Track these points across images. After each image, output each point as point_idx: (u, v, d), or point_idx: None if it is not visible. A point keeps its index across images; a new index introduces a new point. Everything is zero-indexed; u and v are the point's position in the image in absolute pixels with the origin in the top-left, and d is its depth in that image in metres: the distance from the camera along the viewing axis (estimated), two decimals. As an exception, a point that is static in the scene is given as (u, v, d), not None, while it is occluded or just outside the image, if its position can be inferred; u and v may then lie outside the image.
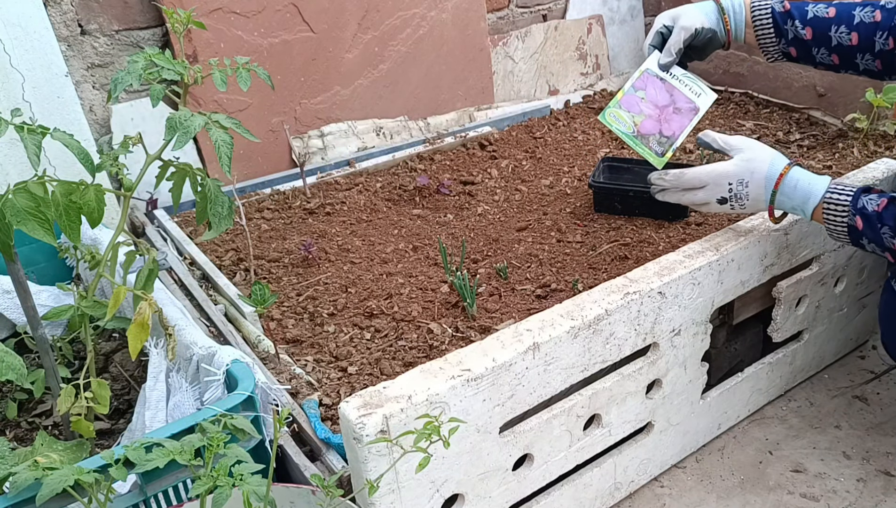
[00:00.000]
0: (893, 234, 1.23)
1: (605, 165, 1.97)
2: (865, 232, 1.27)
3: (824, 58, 1.50)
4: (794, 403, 1.81)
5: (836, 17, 1.46)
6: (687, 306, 1.42)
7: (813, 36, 1.47)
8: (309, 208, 2.02)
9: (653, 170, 1.59)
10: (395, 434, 1.07)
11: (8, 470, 0.98)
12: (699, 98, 1.60)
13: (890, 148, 2.05)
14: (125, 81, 1.12)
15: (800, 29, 1.48)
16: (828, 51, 1.48)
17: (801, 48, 1.50)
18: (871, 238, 1.27)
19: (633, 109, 1.62)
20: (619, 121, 1.61)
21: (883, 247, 1.26)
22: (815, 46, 1.48)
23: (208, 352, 1.25)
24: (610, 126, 1.64)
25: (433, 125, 2.47)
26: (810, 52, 1.50)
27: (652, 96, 1.62)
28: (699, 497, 1.57)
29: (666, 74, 1.61)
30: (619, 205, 1.87)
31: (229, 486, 0.89)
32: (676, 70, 1.61)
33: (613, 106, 1.62)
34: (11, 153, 1.75)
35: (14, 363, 1.06)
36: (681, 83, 1.60)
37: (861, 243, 1.31)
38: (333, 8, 2.16)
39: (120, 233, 1.20)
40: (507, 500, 1.31)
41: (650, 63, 1.62)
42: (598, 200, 1.90)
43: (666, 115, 1.61)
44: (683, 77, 1.61)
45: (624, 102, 1.61)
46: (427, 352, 1.45)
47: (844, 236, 1.32)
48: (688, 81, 1.61)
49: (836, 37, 1.45)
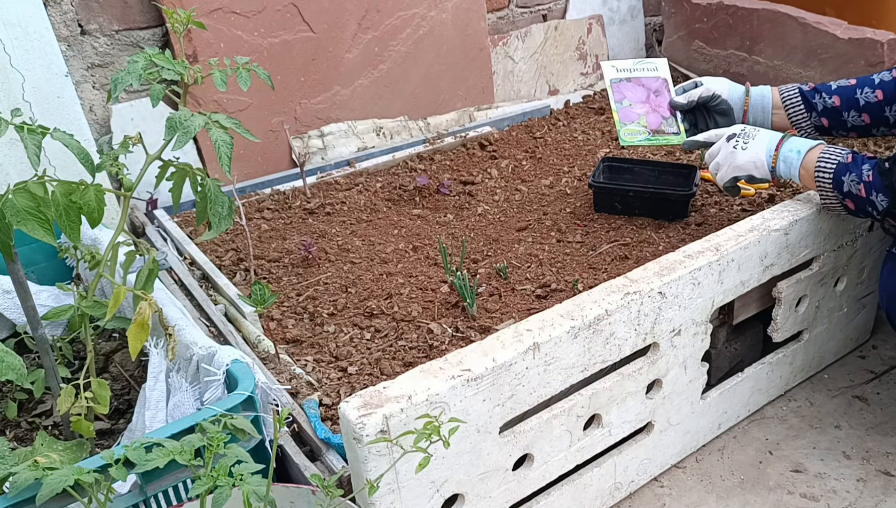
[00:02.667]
0: (871, 169, 1.40)
1: (605, 165, 1.97)
2: (850, 166, 1.43)
3: (855, 120, 1.61)
4: (794, 403, 1.81)
5: (858, 83, 1.60)
6: (687, 306, 1.42)
7: (841, 102, 1.61)
8: (309, 208, 2.02)
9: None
10: (395, 434, 1.07)
11: (8, 470, 0.98)
12: (658, 70, 1.76)
13: (890, 148, 2.05)
14: (125, 81, 1.12)
15: (828, 99, 1.62)
16: (857, 112, 1.60)
17: (832, 116, 1.63)
18: (852, 169, 1.43)
19: (633, 119, 1.71)
20: (635, 134, 1.70)
21: (860, 179, 1.42)
22: (845, 111, 1.61)
23: (208, 352, 1.25)
24: (634, 144, 1.73)
25: (433, 125, 2.47)
26: (841, 117, 1.62)
27: (633, 98, 1.73)
28: (699, 497, 1.57)
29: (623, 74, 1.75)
30: (618, 205, 1.87)
31: (229, 486, 0.89)
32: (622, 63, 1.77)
33: (621, 129, 1.71)
34: (11, 153, 1.75)
35: (14, 363, 1.06)
36: (637, 72, 1.74)
37: (842, 179, 1.44)
38: (333, 8, 2.17)
39: (120, 233, 1.20)
40: (507, 500, 1.31)
41: (607, 75, 1.77)
42: (598, 200, 1.90)
43: (653, 103, 1.72)
44: (636, 66, 1.75)
45: (623, 118, 1.71)
46: (427, 352, 1.45)
47: (830, 177, 1.46)
48: (640, 65, 1.76)
49: (862, 98, 1.59)
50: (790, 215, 1.55)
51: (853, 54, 2.14)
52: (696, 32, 2.63)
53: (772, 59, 2.38)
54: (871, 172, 1.40)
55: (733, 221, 1.62)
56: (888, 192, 1.38)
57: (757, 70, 2.44)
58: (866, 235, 1.73)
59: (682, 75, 2.73)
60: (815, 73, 2.26)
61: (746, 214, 1.80)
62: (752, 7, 2.42)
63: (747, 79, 2.50)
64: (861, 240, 1.72)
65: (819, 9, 2.35)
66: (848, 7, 2.41)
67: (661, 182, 1.92)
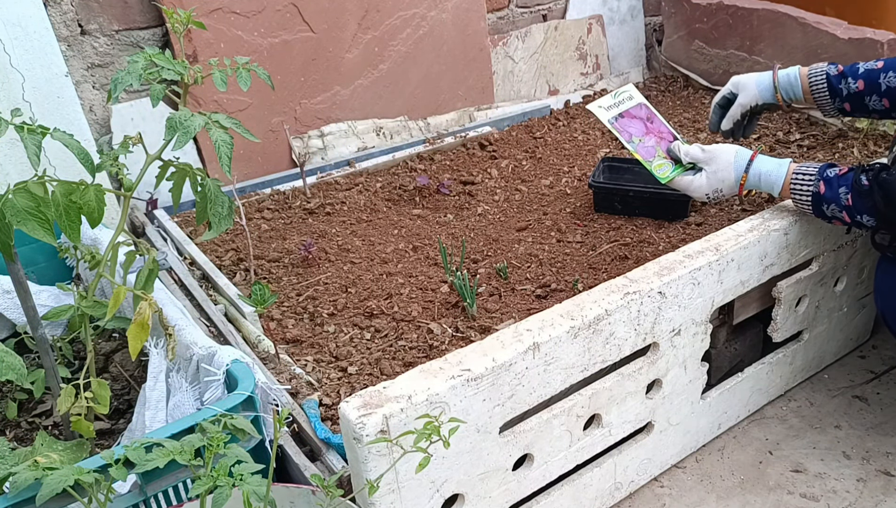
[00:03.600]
0: (848, 192, 1.39)
1: (605, 165, 1.97)
2: (826, 195, 1.43)
3: (876, 104, 1.62)
4: (794, 403, 1.81)
5: (884, 67, 1.60)
6: (687, 306, 1.42)
7: (865, 86, 1.61)
8: (309, 208, 2.02)
9: None
10: (395, 434, 1.07)
11: (8, 470, 0.98)
12: (633, 99, 1.73)
13: (889, 149, 2.05)
14: (125, 81, 1.12)
15: (852, 84, 1.62)
16: (879, 96, 1.60)
17: (855, 100, 1.63)
18: (830, 199, 1.42)
19: (652, 154, 1.68)
20: (665, 168, 1.65)
21: (840, 206, 1.41)
22: (868, 95, 1.61)
23: (208, 352, 1.25)
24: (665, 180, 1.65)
25: (433, 125, 2.47)
26: (863, 102, 1.63)
27: (637, 132, 1.70)
28: (699, 497, 1.57)
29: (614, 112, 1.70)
30: (618, 205, 1.87)
31: (229, 486, 0.89)
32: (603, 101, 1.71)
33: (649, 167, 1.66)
34: (11, 153, 1.75)
35: (14, 363, 1.06)
36: (622, 105, 1.71)
37: (822, 208, 1.45)
38: (333, 8, 2.16)
39: (120, 233, 1.20)
40: (507, 500, 1.31)
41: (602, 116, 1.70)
42: (598, 200, 1.90)
43: (654, 131, 1.71)
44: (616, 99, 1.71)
45: (643, 155, 1.67)
46: (427, 352, 1.45)
47: (808, 204, 1.47)
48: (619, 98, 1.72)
49: (884, 82, 1.58)
50: (790, 214, 1.55)
51: (853, 54, 2.14)
52: (696, 32, 2.63)
53: (772, 59, 2.38)
54: (849, 195, 1.39)
55: (733, 221, 1.62)
56: (873, 211, 1.38)
57: (757, 70, 2.43)
58: (866, 235, 1.73)
59: (682, 76, 2.73)
60: (815, 73, 2.26)
61: (746, 214, 1.80)
62: (752, 7, 2.42)
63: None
64: (861, 240, 1.72)
65: (819, 9, 2.35)
66: (848, 7, 2.41)
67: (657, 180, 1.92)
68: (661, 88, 2.74)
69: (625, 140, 1.67)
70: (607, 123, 1.68)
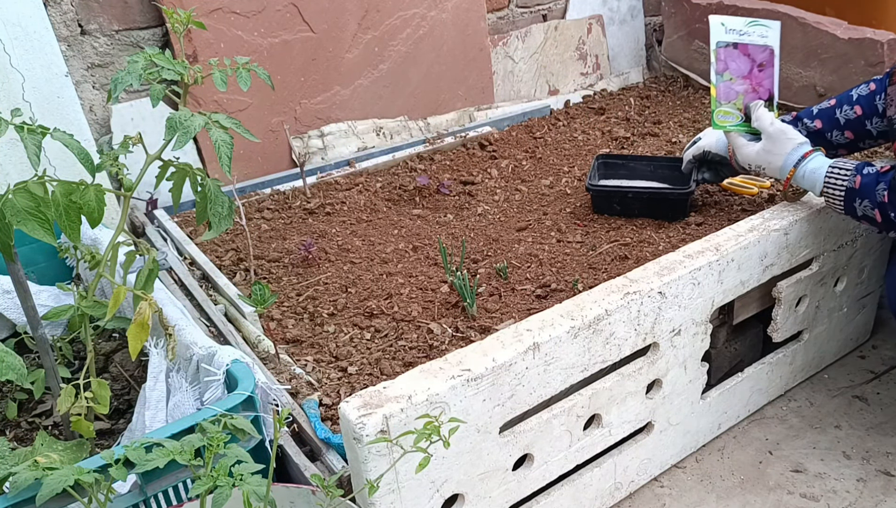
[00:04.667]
0: (886, 188, 1.36)
1: (601, 162, 1.96)
2: (860, 190, 1.41)
3: (839, 138, 1.63)
4: (794, 403, 1.81)
5: (837, 103, 1.62)
6: (687, 306, 1.42)
7: (823, 124, 1.63)
8: (309, 208, 2.02)
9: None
10: (395, 434, 1.07)
11: (8, 470, 0.98)
12: (769, 37, 1.58)
13: (890, 148, 2.05)
14: (125, 81, 1.12)
15: (810, 124, 1.63)
16: (840, 131, 1.61)
17: (817, 139, 1.64)
18: (864, 194, 1.40)
19: (730, 98, 1.60)
20: (728, 117, 1.60)
21: (874, 203, 1.39)
22: (828, 132, 1.63)
23: (208, 352, 1.25)
24: (725, 128, 1.62)
25: (433, 125, 2.47)
26: (825, 138, 1.63)
27: (736, 70, 1.60)
28: (699, 497, 1.57)
29: (733, 36, 1.58)
30: (617, 206, 1.87)
31: (229, 486, 0.89)
32: (732, 21, 1.59)
33: (716, 107, 1.60)
34: (11, 153, 1.75)
35: (14, 363, 1.06)
36: (749, 35, 1.58)
37: (854, 204, 1.43)
38: (333, 8, 2.16)
39: (120, 233, 1.20)
40: (507, 500, 1.31)
41: (714, 35, 1.59)
42: (597, 202, 1.90)
43: (755, 79, 1.60)
44: (747, 28, 1.58)
45: (720, 95, 1.59)
46: (427, 352, 1.45)
47: (840, 199, 1.45)
48: (752, 27, 1.59)
49: (841, 116, 1.60)
50: (790, 214, 1.55)
51: (853, 54, 2.14)
52: (696, 32, 2.63)
53: (772, 59, 2.38)
54: (887, 191, 1.36)
55: (733, 221, 1.62)
56: None
57: (757, 70, 2.43)
58: (866, 235, 1.73)
59: (682, 76, 2.73)
60: (815, 73, 2.26)
61: (746, 214, 1.80)
62: (751, 7, 2.42)
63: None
64: (861, 240, 1.72)
65: (819, 9, 2.34)
66: (848, 7, 2.41)
67: (657, 177, 1.92)
68: (661, 88, 2.74)
69: (716, 71, 1.59)
70: (713, 44, 1.58)
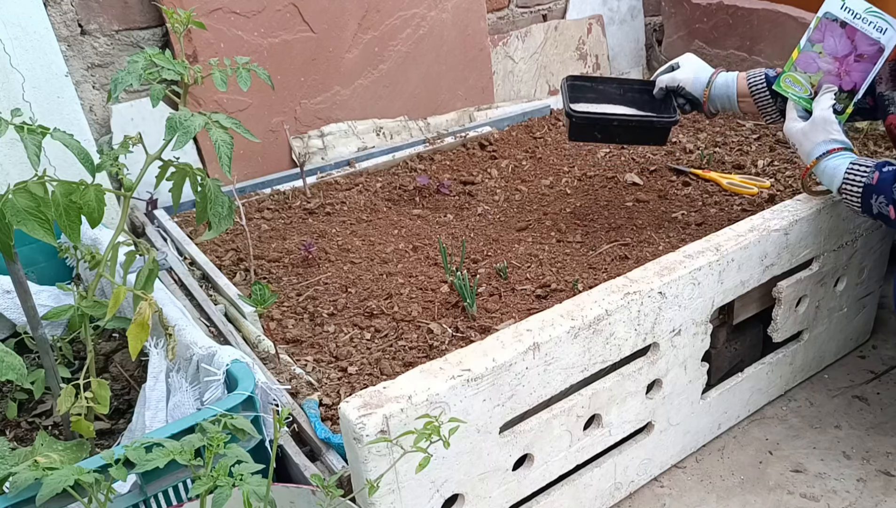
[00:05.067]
0: None
1: (569, 84, 1.82)
2: (877, 186, 1.40)
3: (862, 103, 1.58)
4: (794, 403, 1.80)
5: None
6: (687, 306, 1.42)
7: None
8: (309, 208, 2.02)
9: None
10: (395, 434, 1.07)
11: (8, 470, 0.98)
12: (885, 34, 1.46)
13: (890, 148, 2.05)
14: (125, 81, 1.12)
15: None
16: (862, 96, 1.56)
17: None
18: (881, 191, 1.40)
19: (809, 69, 1.52)
20: (795, 85, 1.53)
21: (890, 200, 1.38)
22: None
23: (208, 352, 1.25)
24: (786, 93, 1.55)
25: (433, 125, 2.47)
26: None
27: (830, 48, 1.50)
28: (699, 497, 1.57)
29: (848, 16, 1.47)
30: (598, 134, 1.76)
31: (229, 486, 0.89)
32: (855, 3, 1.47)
33: (789, 70, 1.53)
34: (11, 153, 1.75)
35: (14, 363, 1.06)
36: (864, 22, 1.46)
37: (870, 201, 1.42)
38: (333, 8, 2.17)
39: (120, 233, 1.20)
40: (507, 500, 1.31)
41: (828, 5, 1.48)
42: (576, 129, 1.76)
43: (846, 66, 1.50)
44: (866, 14, 1.46)
45: (800, 62, 1.52)
46: (427, 352, 1.45)
47: (858, 195, 1.44)
48: (871, 16, 1.46)
49: None
50: (790, 214, 1.55)
51: (853, 54, 2.14)
52: (696, 32, 2.63)
53: (772, 59, 2.38)
54: None
55: (733, 221, 1.62)
56: None
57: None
58: (866, 235, 1.73)
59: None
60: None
61: (746, 214, 1.80)
62: (752, 7, 2.42)
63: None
64: (861, 240, 1.72)
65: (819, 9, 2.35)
66: (848, 7, 2.41)
67: (629, 102, 1.81)
68: (661, 88, 2.73)
69: (808, 37, 1.50)
70: (822, 12, 1.48)
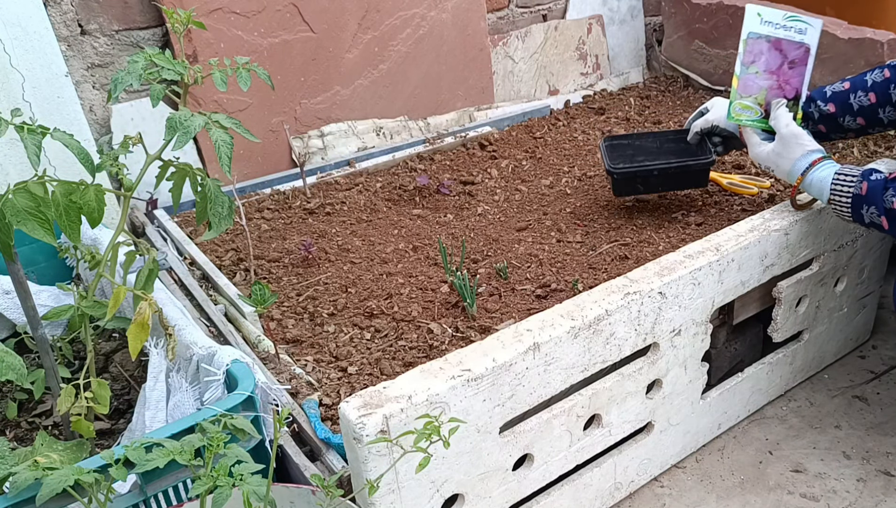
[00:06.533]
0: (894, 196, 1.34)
1: (607, 144, 1.89)
2: (867, 197, 1.39)
3: (851, 123, 1.61)
4: (794, 403, 1.81)
5: (851, 87, 1.60)
6: (687, 307, 1.42)
7: (836, 108, 1.61)
8: (309, 208, 2.02)
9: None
10: (395, 434, 1.07)
11: (8, 470, 0.98)
12: (806, 34, 1.54)
13: (890, 148, 2.05)
14: (125, 81, 1.12)
15: (823, 107, 1.62)
16: (852, 116, 1.60)
17: (829, 122, 1.63)
18: (871, 201, 1.38)
19: (752, 91, 1.57)
20: (745, 111, 1.57)
21: (881, 210, 1.37)
22: (841, 116, 1.61)
23: (208, 352, 1.25)
24: (739, 121, 1.60)
25: (433, 125, 2.47)
26: (838, 122, 1.62)
27: (764, 64, 1.56)
28: (699, 497, 1.57)
29: (768, 28, 1.54)
30: (641, 186, 1.82)
31: (229, 486, 0.89)
32: (770, 13, 1.55)
33: (735, 99, 1.57)
34: (11, 153, 1.75)
35: (14, 363, 1.06)
36: (785, 30, 1.54)
37: (861, 211, 1.41)
38: (333, 8, 2.16)
39: (120, 233, 1.20)
40: (507, 500, 1.31)
41: (748, 24, 1.55)
42: (619, 185, 1.83)
43: (783, 75, 1.57)
44: (784, 21, 1.54)
45: (741, 88, 1.56)
46: (427, 352, 1.45)
47: (847, 206, 1.43)
48: (789, 22, 1.55)
49: (856, 102, 1.58)
50: (790, 214, 1.55)
51: (853, 54, 2.14)
52: (696, 32, 2.63)
53: (772, 59, 2.38)
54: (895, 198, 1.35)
55: (733, 221, 1.62)
56: None
57: (757, 70, 2.43)
58: (866, 235, 1.73)
59: (682, 76, 2.73)
60: (815, 72, 2.25)
61: (746, 214, 1.80)
62: (752, 7, 2.41)
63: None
64: (861, 240, 1.72)
65: (819, 9, 2.34)
66: (848, 7, 2.41)
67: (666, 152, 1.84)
68: (661, 88, 2.74)
69: (741, 61, 1.55)
70: (745, 34, 1.54)
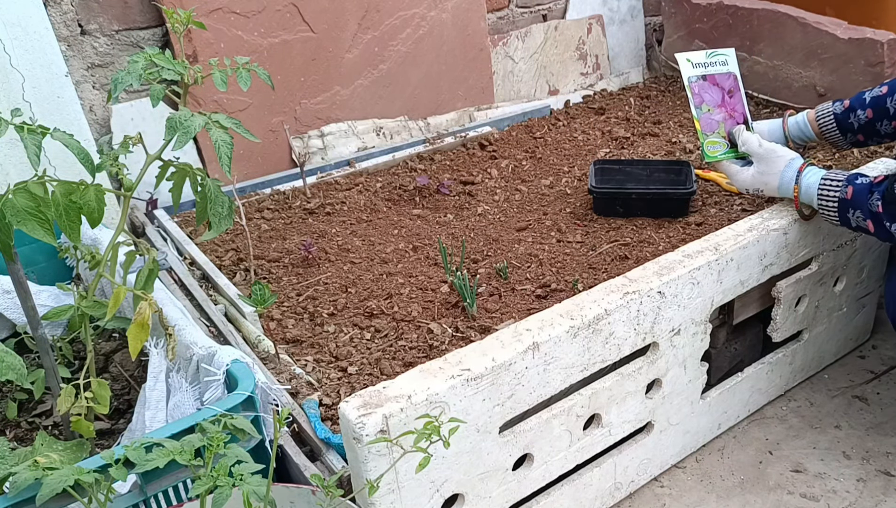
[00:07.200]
0: (880, 199, 1.36)
1: (597, 168, 1.97)
2: (853, 201, 1.40)
3: (887, 128, 1.62)
4: (794, 403, 1.81)
5: (888, 91, 1.60)
6: (686, 306, 1.42)
7: (874, 114, 1.61)
8: (309, 208, 2.02)
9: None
10: (395, 434, 1.07)
11: (8, 470, 0.98)
12: (728, 64, 1.66)
13: (889, 148, 2.05)
14: (125, 81, 1.12)
15: (861, 115, 1.62)
16: (889, 120, 1.60)
17: (866, 129, 1.64)
18: (857, 205, 1.40)
19: (713, 128, 1.64)
20: (716, 147, 1.64)
21: (867, 214, 1.38)
22: (878, 121, 1.62)
23: (208, 352, 1.25)
24: (716, 159, 1.65)
25: (433, 125, 2.47)
26: (874, 128, 1.63)
27: (710, 100, 1.65)
28: (699, 497, 1.57)
29: (700, 69, 1.65)
30: (620, 208, 1.87)
31: (229, 486, 0.89)
32: (695, 56, 1.66)
33: (704, 140, 1.64)
34: (11, 153, 1.75)
35: (14, 363, 1.06)
36: (712, 66, 1.66)
37: (847, 215, 1.43)
38: (333, 8, 2.16)
39: (120, 233, 1.20)
40: (507, 500, 1.31)
41: (685, 71, 1.65)
42: (599, 204, 1.90)
43: (728, 106, 1.66)
44: (708, 59, 1.65)
45: (704, 127, 1.64)
46: (427, 352, 1.45)
47: (834, 210, 1.45)
48: (711, 58, 1.66)
49: (891, 106, 1.58)
50: (790, 214, 1.55)
51: (853, 54, 2.14)
52: (696, 32, 2.63)
53: (772, 59, 2.38)
54: (881, 202, 1.36)
55: (733, 220, 1.62)
56: None
57: (757, 70, 2.44)
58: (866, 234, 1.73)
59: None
60: (815, 73, 2.26)
61: (746, 213, 1.80)
62: (752, 7, 2.42)
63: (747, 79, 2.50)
64: (860, 240, 1.72)
65: (819, 9, 2.35)
66: (848, 7, 2.41)
67: (654, 181, 1.93)
68: (661, 88, 2.73)
69: (694, 105, 1.63)
70: (686, 81, 1.64)
